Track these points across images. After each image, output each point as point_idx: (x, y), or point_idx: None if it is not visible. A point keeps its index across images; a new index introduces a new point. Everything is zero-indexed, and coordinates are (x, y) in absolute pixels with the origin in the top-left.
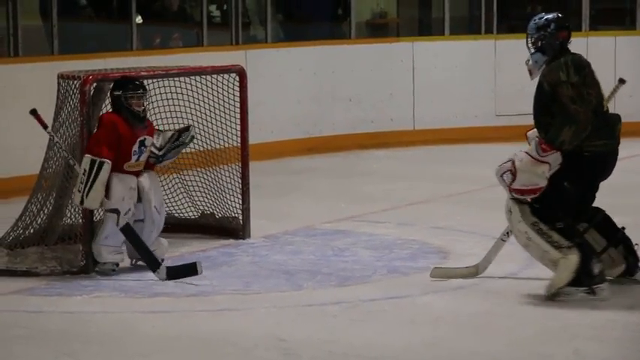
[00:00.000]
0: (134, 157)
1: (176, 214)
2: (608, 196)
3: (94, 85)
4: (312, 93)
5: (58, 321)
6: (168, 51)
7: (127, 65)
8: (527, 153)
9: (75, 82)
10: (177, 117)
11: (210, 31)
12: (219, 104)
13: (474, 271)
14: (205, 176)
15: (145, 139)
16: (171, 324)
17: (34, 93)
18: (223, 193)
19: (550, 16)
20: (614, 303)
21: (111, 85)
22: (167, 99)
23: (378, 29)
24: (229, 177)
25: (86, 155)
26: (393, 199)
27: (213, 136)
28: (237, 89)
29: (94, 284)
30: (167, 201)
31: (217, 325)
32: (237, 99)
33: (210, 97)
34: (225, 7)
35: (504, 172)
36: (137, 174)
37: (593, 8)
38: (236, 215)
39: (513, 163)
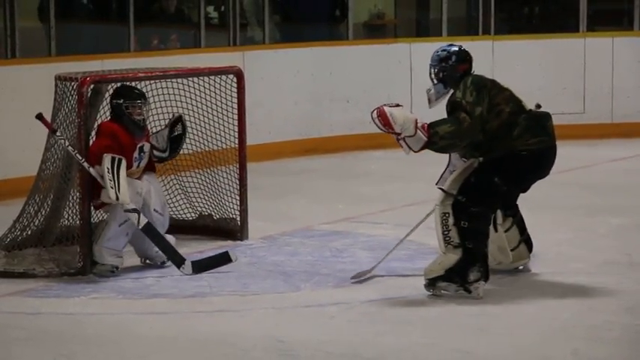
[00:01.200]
0: (135, 164)
1: (174, 216)
2: (609, 197)
3: (92, 86)
4: (309, 94)
5: (56, 322)
6: (165, 52)
7: (125, 67)
8: (418, 117)
9: (72, 83)
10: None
11: (208, 33)
12: (216, 105)
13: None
14: (203, 177)
15: (143, 144)
16: (169, 325)
17: (31, 94)
18: (221, 195)
19: (452, 48)
20: (612, 304)
21: (110, 92)
22: (165, 100)
23: (375, 30)
24: (227, 178)
25: (105, 155)
26: (390, 200)
27: (211, 137)
28: (235, 90)
29: (92, 286)
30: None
31: (215, 326)
32: (235, 100)
33: (208, 98)
34: (222, 8)
35: (392, 103)
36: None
37: (590, 9)
38: (234, 216)
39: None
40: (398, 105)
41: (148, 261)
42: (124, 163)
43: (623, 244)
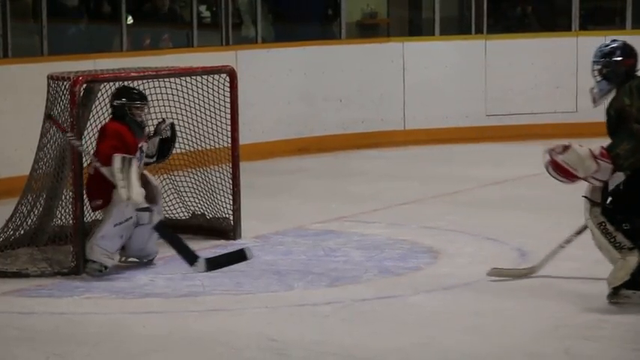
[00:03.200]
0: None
1: (166, 215)
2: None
3: (84, 86)
4: (302, 93)
5: (49, 322)
6: (158, 52)
7: (117, 66)
8: (589, 148)
9: (65, 83)
10: (167, 118)
11: (201, 32)
12: (209, 105)
13: (527, 272)
14: (196, 177)
15: (142, 145)
16: (162, 324)
17: (24, 94)
18: (214, 194)
19: (616, 44)
20: (605, 303)
21: (111, 93)
22: (157, 100)
23: (368, 29)
24: (220, 177)
25: (115, 155)
26: (383, 199)
27: (204, 136)
28: (228, 90)
29: (85, 285)
30: None
31: (208, 325)
32: (228, 99)
33: (201, 97)
34: (215, 7)
35: (557, 147)
36: None
37: (582, 8)
38: (227, 216)
39: (571, 145)
40: (565, 148)
41: (130, 259)
42: (134, 162)
43: None
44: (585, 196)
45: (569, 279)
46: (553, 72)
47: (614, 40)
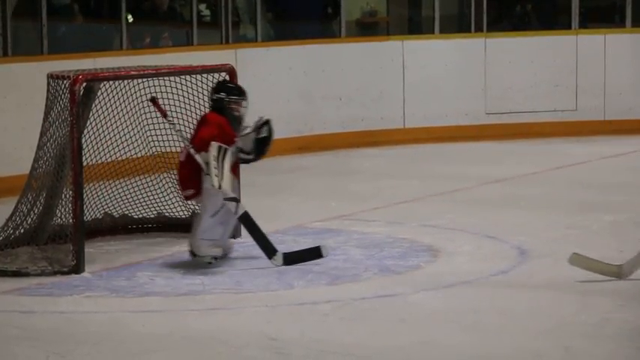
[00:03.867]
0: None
1: (166, 214)
2: (602, 194)
3: (84, 84)
4: (302, 92)
5: (49, 321)
6: (158, 50)
7: (117, 65)
8: None
9: (65, 81)
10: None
11: (200, 31)
12: (209, 103)
13: (616, 272)
14: None
15: (237, 139)
16: (162, 323)
17: (24, 92)
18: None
19: None
20: (605, 302)
21: (213, 86)
22: (158, 98)
23: (367, 28)
24: None
25: (212, 143)
26: (383, 198)
27: None
28: None
29: (85, 284)
30: (158, 200)
31: (208, 324)
32: None
33: (201, 96)
34: (215, 6)
35: None
36: None
37: (582, 6)
38: None
39: None
40: None
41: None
42: (229, 153)
43: (616, 241)
44: None
45: (570, 277)
46: (553, 70)
47: None
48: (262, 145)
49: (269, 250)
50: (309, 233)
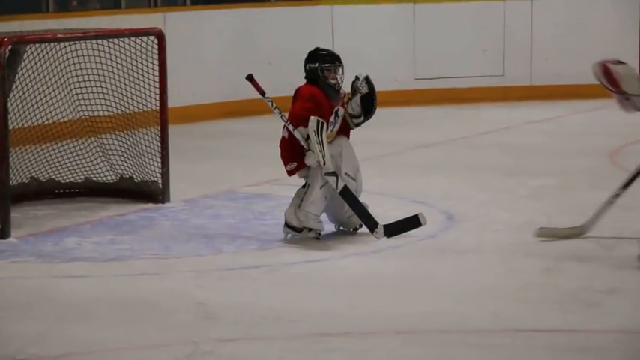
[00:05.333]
0: (330, 128)
1: (94, 178)
2: (528, 158)
3: (10, 47)
4: (231, 56)
5: None
6: (85, 13)
7: (44, 27)
8: None
9: None
10: (95, 80)
11: None
12: (137, 67)
13: (578, 232)
14: (124, 140)
15: (337, 109)
16: (90, 288)
17: None
18: (142, 157)
19: None
20: (531, 265)
21: (305, 58)
22: (85, 62)
23: None
24: (148, 141)
25: (311, 118)
26: None
27: (132, 99)
28: (156, 52)
29: (12, 249)
30: (86, 165)
31: (137, 289)
32: (156, 62)
33: (129, 59)
34: None
35: (613, 59)
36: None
37: None
38: (155, 179)
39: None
40: (620, 62)
41: (341, 227)
42: (325, 126)
43: (542, 205)
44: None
45: (496, 241)
46: (480, 36)
47: None
48: (368, 102)
49: (371, 224)
50: (238, 198)
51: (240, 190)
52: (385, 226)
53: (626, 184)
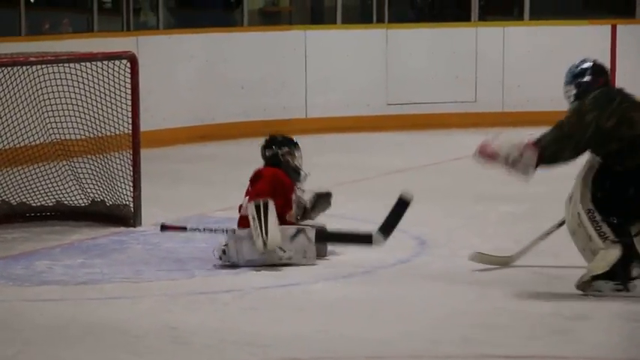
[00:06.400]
0: (294, 206)
1: (65, 202)
2: (498, 185)
3: None
4: (204, 80)
5: None
6: (57, 37)
7: (16, 50)
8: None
9: None
10: (67, 103)
11: (101, 17)
12: (110, 91)
13: (508, 260)
14: (96, 163)
15: (297, 189)
16: (60, 312)
17: None
18: (114, 181)
19: (585, 64)
20: (501, 291)
21: (261, 146)
22: (57, 85)
23: (270, 17)
24: (120, 164)
25: (249, 204)
26: None
27: (105, 122)
28: (129, 76)
29: None
30: (57, 188)
31: (107, 313)
32: (129, 85)
33: (102, 83)
34: None
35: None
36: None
37: None
38: (127, 203)
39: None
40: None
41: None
42: (270, 204)
43: (512, 231)
44: (581, 180)
45: (467, 267)
46: (453, 62)
47: (583, 61)
48: (319, 208)
49: (366, 240)
50: (210, 222)
51: (212, 214)
52: (379, 230)
53: (561, 223)
